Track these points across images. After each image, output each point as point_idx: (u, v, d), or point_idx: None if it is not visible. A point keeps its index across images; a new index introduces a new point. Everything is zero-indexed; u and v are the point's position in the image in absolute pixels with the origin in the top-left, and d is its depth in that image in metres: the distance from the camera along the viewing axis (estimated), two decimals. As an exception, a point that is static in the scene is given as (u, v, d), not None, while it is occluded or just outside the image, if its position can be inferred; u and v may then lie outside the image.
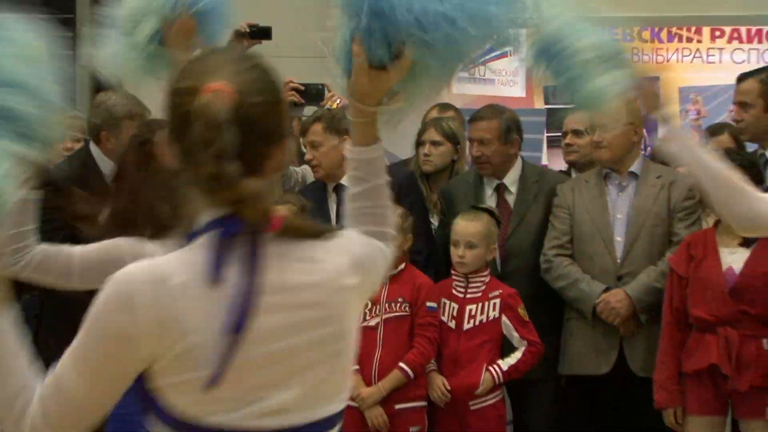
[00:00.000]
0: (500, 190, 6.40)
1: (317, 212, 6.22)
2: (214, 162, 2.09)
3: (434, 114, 7.09)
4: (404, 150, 7.28)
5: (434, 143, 6.75)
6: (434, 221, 6.75)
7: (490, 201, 6.34)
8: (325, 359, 2.22)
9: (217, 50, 2.61)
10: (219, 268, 2.13)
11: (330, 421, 2.24)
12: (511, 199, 6.44)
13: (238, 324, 2.11)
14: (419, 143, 6.84)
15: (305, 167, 6.90)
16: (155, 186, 3.89)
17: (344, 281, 2.21)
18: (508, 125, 6.37)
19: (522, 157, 6.64)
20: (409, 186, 6.67)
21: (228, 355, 2.07)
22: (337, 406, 2.25)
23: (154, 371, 2.10)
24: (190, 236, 2.22)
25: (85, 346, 2.11)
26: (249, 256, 2.17)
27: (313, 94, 7.04)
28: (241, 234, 2.16)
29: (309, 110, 7.21)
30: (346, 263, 2.24)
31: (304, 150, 6.70)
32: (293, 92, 6.94)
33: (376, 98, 2.50)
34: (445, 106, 7.20)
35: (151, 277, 2.10)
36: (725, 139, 6.61)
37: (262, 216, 2.15)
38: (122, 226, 3.98)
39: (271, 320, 2.13)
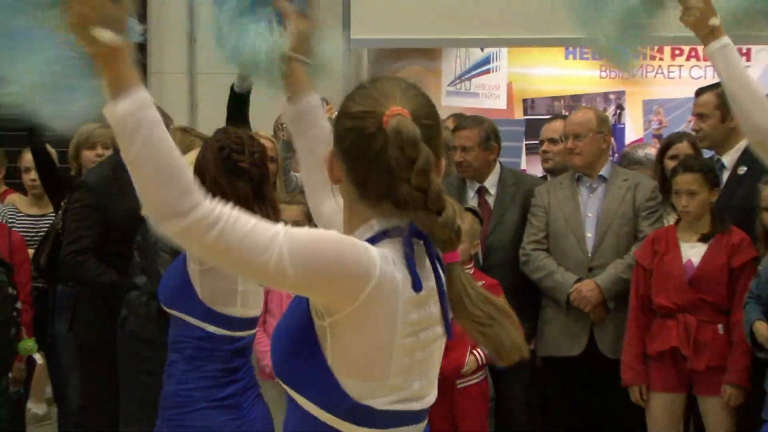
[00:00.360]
0: (481, 192, 6.74)
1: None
2: (422, 176, 2.26)
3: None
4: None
5: None
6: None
7: (473, 202, 6.66)
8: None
9: (382, 78, 2.62)
10: (419, 278, 2.32)
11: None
12: (491, 200, 6.77)
13: (447, 329, 2.38)
14: None
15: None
16: (236, 189, 4.21)
17: None
18: (487, 134, 6.72)
19: (500, 163, 6.96)
20: None
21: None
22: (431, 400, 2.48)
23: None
24: (379, 235, 2.39)
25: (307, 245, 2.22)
26: (433, 262, 2.38)
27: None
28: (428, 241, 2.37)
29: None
30: None
31: None
32: None
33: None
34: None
35: None
36: (685, 146, 6.77)
37: (449, 234, 2.31)
38: None
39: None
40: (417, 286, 2.29)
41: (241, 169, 4.37)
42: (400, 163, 2.25)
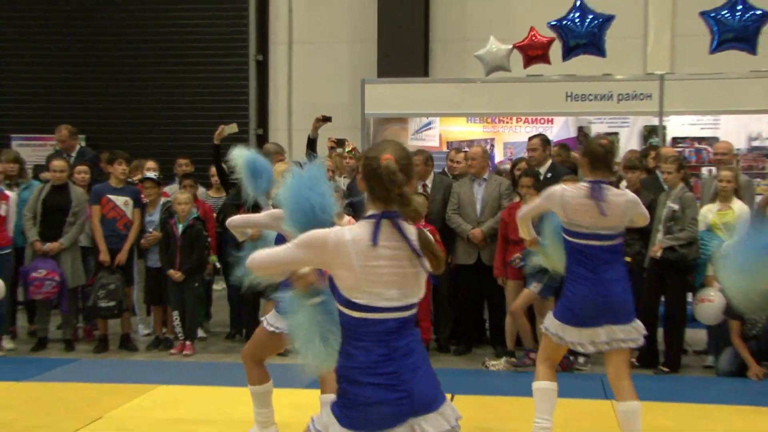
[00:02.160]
0: (424, 187, 9.81)
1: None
2: (399, 189, 3.39)
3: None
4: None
5: None
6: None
7: (420, 189, 9.56)
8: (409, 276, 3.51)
9: (383, 141, 3.64)
10: (377, 236, 3.41)
11: (412, 306, 3.56)
12: (429, 190, 9.78)
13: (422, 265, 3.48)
14: None
15: None
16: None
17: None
18: (427, 158, 9.96)
19: (434, 171, 10.07)
20: None
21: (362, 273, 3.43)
22: (414, 300, 3.53)
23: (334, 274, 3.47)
24: (367, 217, 3.50)
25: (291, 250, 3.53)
26: (398, 229, 3.45)
27: (339, 140, 10.46)
28: (397, 219, 3.44)
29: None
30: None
31: None
32: (322, 119, 9.91)
33: None
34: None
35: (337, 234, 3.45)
36: (523, 164, 9.73)
37: (414, 214, 3.45)
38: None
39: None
40: (373, 241, 3.43)
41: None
42: (389, 182, 3.39)
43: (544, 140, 10.40)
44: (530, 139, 10.49)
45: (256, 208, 6.58)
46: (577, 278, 5.86)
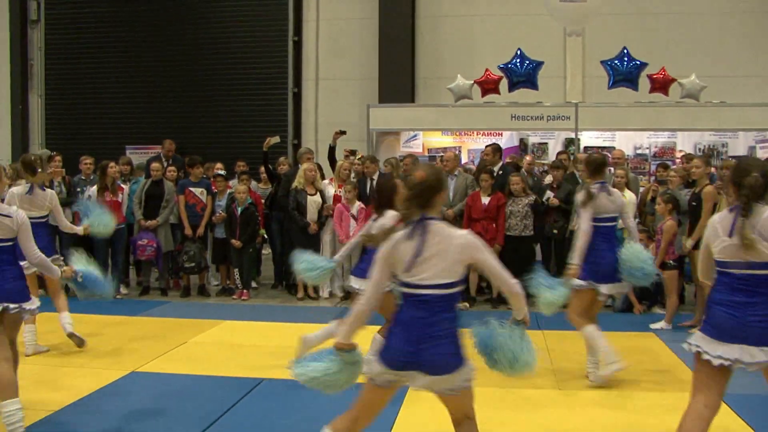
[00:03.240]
0: None
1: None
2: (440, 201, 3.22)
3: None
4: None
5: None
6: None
7: None
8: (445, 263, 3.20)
9: (418, 163, 3.71)
10: (413, 234, 3.17)
11: (449, 285, 3.20)
12: None
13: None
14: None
15: None
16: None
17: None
18: (416, 159, 9.84)
19: None
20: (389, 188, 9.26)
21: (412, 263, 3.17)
22: (451, 281, 3.19)
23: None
24: (411, 223, 3.24)
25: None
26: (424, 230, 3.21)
27: (352, 150, 10.58)
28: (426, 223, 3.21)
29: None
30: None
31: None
32: (339, 132, 10.22)
33: None
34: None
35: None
36: (482, 165, 9.81)
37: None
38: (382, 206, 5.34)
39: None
40: (409, 236, 3.20)
41: None
42: (422, 194, 3.21)
43: (496, 148, 10.38)
44: (486, 147, 10.52)
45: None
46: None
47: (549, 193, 9.27)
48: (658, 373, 6.13)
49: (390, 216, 5.08)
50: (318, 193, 9.69)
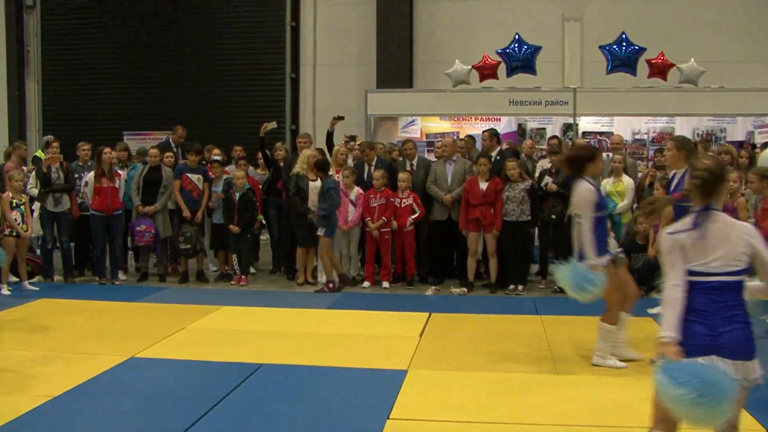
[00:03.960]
0: (411, 166, 9.70)
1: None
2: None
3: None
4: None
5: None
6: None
7: (408, 167, 9.57)
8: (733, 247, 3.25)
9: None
10: (698, 222, 3.23)
11: (737, 272, 3.25)
12: (415, 167, 9.66)
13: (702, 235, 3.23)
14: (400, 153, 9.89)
15: None
16: None
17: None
18: (415, 145, 9.89)
19: (418, 155, 9.87)
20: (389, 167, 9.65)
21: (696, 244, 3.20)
22: (738, 269, 3.23)
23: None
24: (695, 211, 3.32)
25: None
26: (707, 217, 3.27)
27: (352, 136, 10.42)
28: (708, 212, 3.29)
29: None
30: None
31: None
32: (337, 118, 10.22)
33: None
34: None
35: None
36: (482, 152, 9.91)
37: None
38: None
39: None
40: (694, 225, 3.33)
41: None
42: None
43: (494, 133, 10.23)
44: (484, 132, 10.41)
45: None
46: None
47: (547, 179, 9.18)
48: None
49: (584, 188, 5.37)
50: (319, 179, 9.59)
